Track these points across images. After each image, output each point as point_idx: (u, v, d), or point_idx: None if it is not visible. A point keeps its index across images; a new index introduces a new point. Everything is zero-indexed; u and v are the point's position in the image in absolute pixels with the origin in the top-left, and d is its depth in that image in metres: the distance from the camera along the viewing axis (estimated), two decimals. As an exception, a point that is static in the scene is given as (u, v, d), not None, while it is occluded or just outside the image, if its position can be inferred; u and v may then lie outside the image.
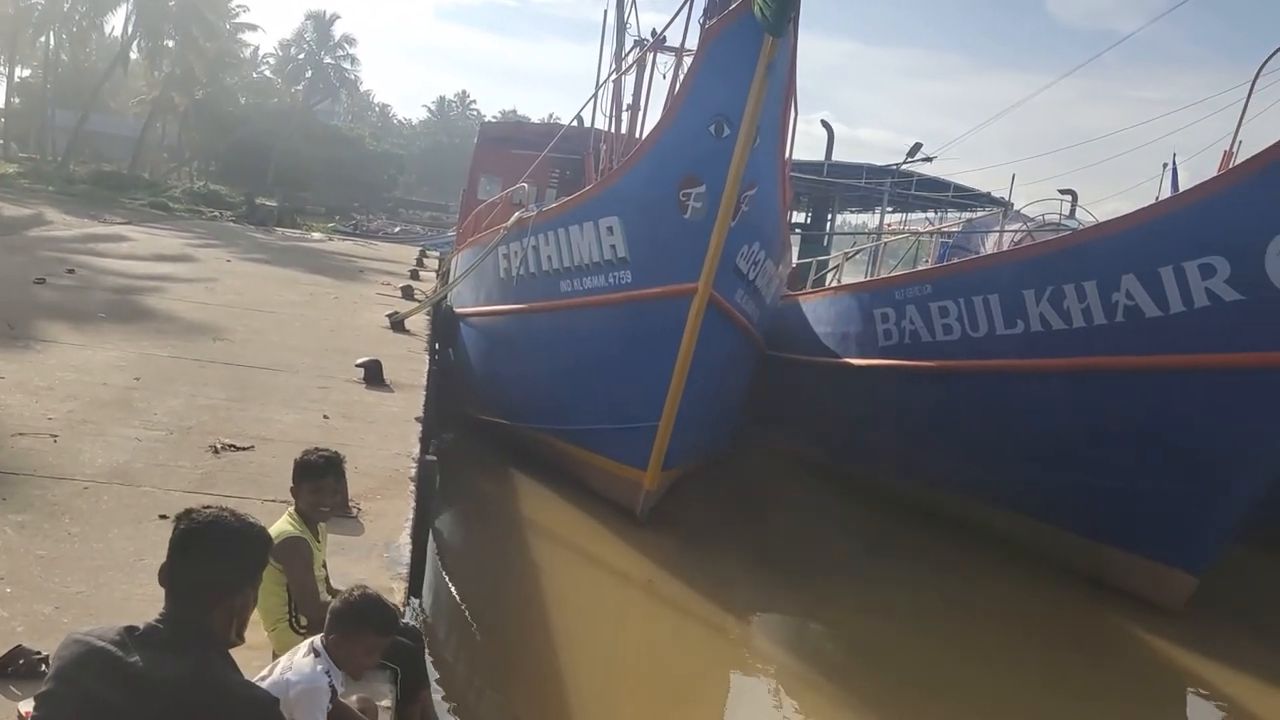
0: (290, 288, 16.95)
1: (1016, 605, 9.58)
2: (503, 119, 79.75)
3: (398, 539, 5.35)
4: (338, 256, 26.58)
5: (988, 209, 17.93)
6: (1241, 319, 8.31)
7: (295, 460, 4.14)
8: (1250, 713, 7.93)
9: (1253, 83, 8.46)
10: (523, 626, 7.30)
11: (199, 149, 60.41)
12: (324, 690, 3.10)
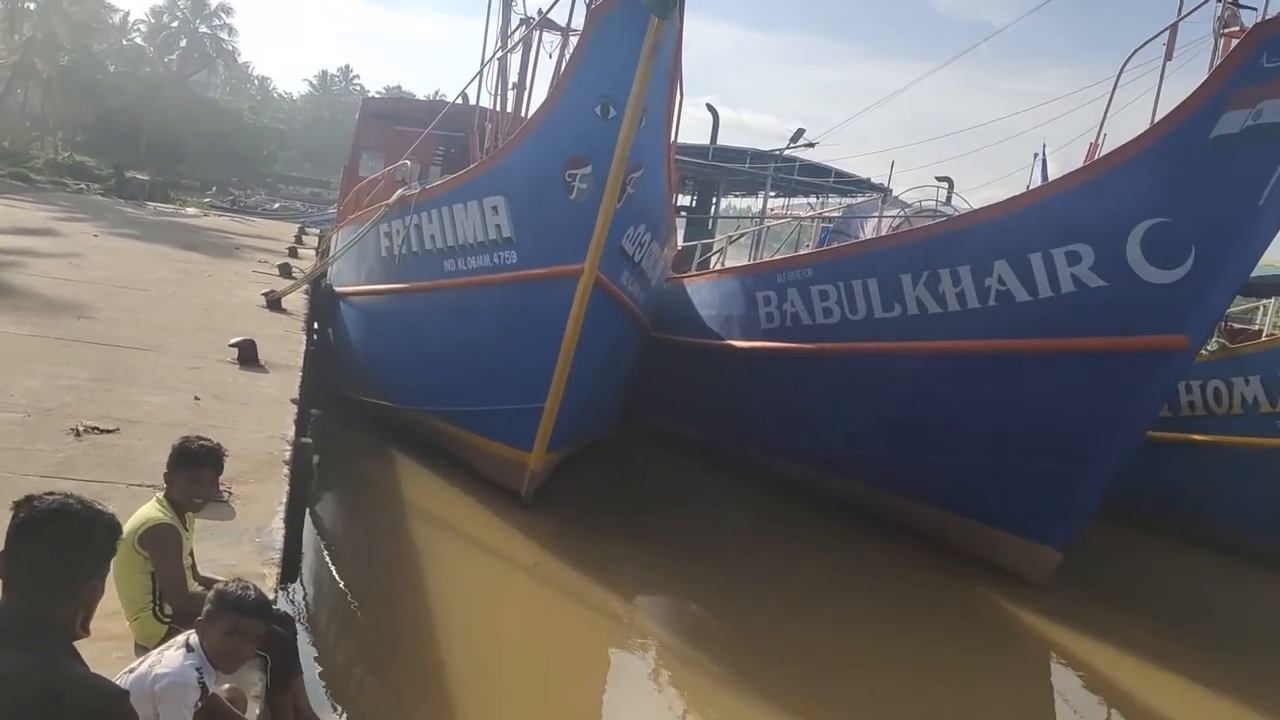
0: (162, 264, 16.33)
1: (892, 581, 9.86)
2: (387, 95, 78.11)
3: (270, 524, 5.21)
4: (213, 233, 25.73)
5: (867, 194, 18.31)
6: (1105, 304, 8.67)
7: (174, 446, 3.98)
8: (1108, 681, 8.32)
9: (1117, 78, 8.81)
10: (406, 611, 7.20)
11: (64, 118, 57.58)
12: (191, 686, 2.98)
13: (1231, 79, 7.85)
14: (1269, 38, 7.72)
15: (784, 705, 6.73)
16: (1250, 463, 12.65)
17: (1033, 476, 9.28)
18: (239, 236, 25.39)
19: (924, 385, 9.88)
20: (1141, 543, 12.93)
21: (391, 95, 77.03)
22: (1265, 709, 7.87)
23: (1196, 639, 9.51)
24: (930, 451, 10.01)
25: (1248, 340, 14.05)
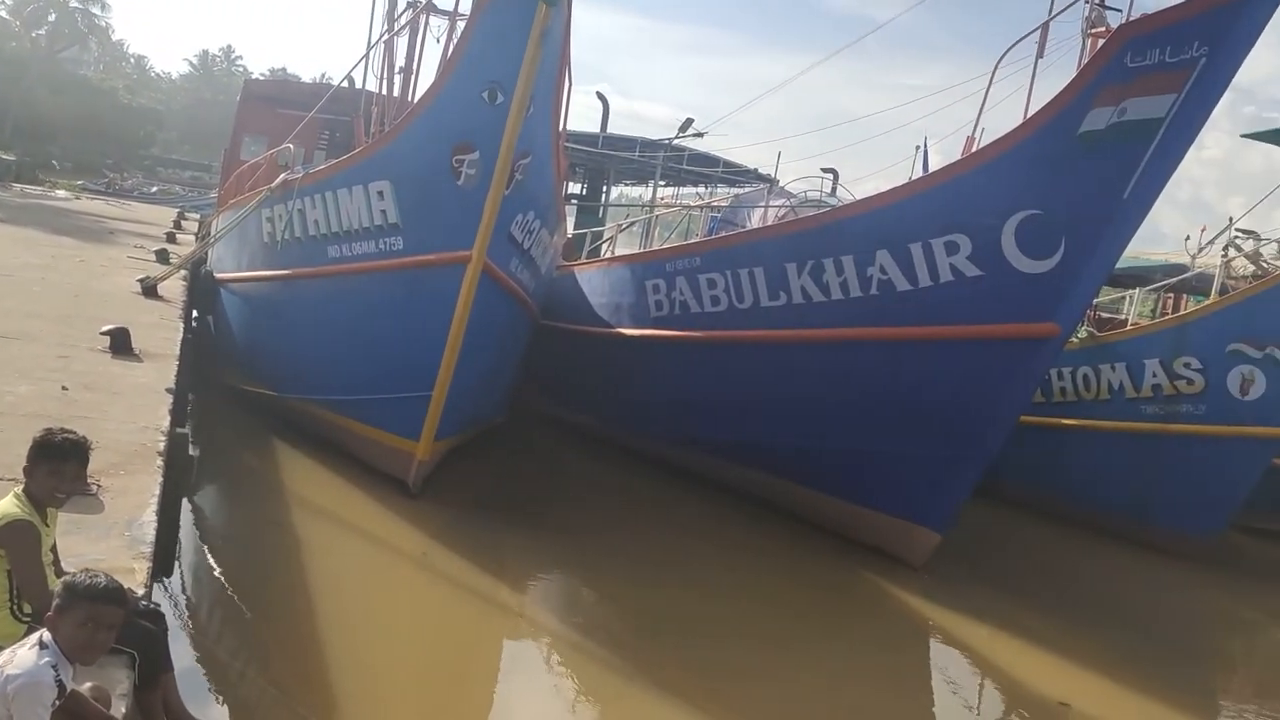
0: (29, 249, 15.62)
1: (779, 564, 10.05)
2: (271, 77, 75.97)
3: (142, 516, 5.04)
4: (85, 216, 24.70)
5: (755, 184, 18.56)
6: (982, 293, 8.96)
7: (35, 438, 3.80)
8: (985, 656, 8.65)
9: (992, 74, 9.10)
10: (289, 604, 7.04)
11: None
12: (46, 685, 2.87)
13: (1098, 77, 8.16)
14: (1133, 38, 8.05)
15: (676, 690, 6.79)
16: (1116, 445, 13.25)
17: (913, 460, 9.54)
18: (114, 221, 24.44)
19: (808, 372, 10.07)
20: (1017, 523, 13.44)
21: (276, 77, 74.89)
22: (1127, 679, 8.28)
23: (1068, 614, 9.93)
24: (815, 437, 10.22)
25: (1115, 329, 14.67)
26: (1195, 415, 12.64)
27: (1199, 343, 12.57)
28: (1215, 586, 12.39)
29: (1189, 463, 12.58)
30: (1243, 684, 9.70)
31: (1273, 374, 12.13)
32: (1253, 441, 12.36)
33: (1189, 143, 8.30)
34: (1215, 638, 11.32)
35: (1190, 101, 8.03)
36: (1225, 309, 12.61)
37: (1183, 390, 12.67)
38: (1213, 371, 12.43)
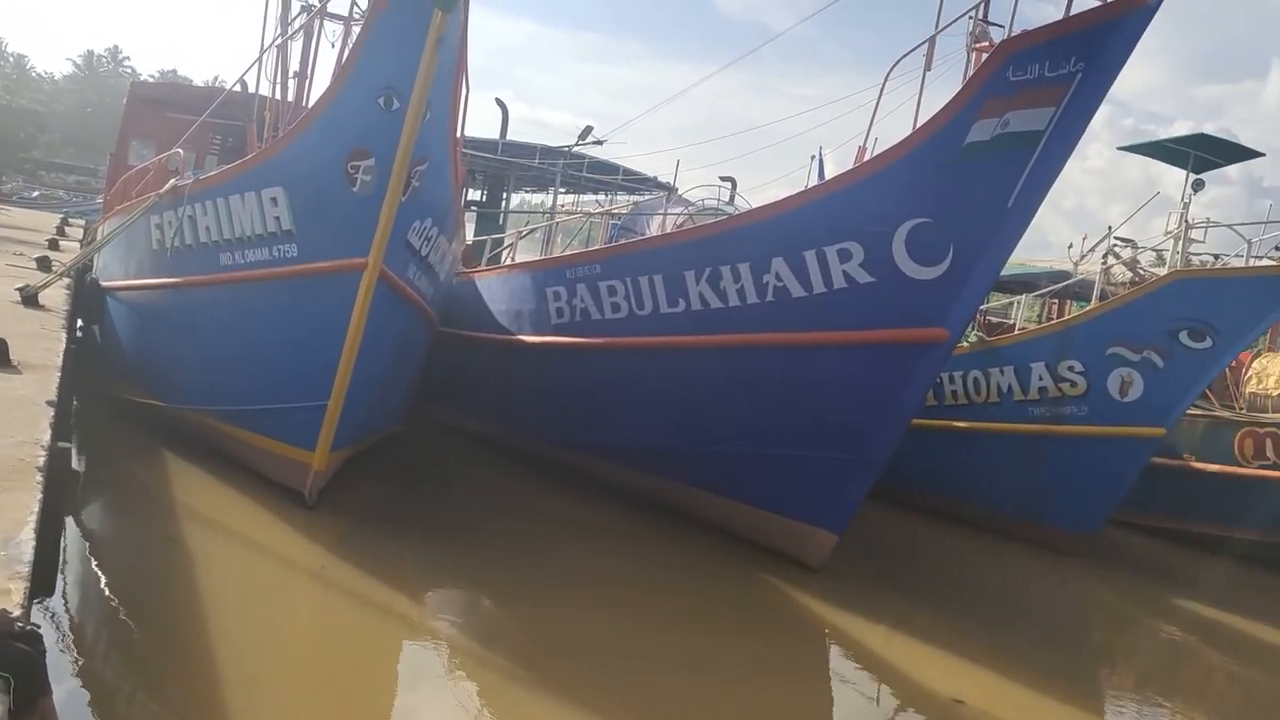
0: (-102, 256, 14.94)
1: (679, 569, 10.12)
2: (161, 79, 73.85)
3: (19, 534, 4.85)
4: (-40, 222, 23.71)
5: (654, 192, 18.71)
6: (874, 299, 9.17)
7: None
8: (882, 657, 8.80)
9: (882, 86, 9.33)
10: (181, 621, 6.84)
11: None
12: None
13: (982, 90, 8.44)
14: (1014, 53, 8.34)
15: (575, 698, 6.78)
16: (1005, 447, 13.68)
17: (810, 464, 9.72)
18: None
19: (707, 378, 10.19)
20: (912, 524, 13.78)
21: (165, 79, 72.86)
22: (1017, 674, 8.53)
23: (961, 612, 10.20)
24: (714, 442, 10.34)
25: (1003, 334, 15.14)
26: (1079, 416, 13.11)
27: (1081, 346, 13.05)
28: (1097, 581, 12.88)
29: (1073, 462, 13.06)
30: (1122, 673, 10.07)
31: (1150, 375, 12.65)
32: (1132, 440, 12.88)
33: (1068, 153, 8.62)
34: (1097, 630, 11.79)
35: (1069, 114, 8.36)
36: (1105, 314, 13.11)
37: (1067, 392, 13.13)
38: (1094, 374, 12.92)
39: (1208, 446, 14.82)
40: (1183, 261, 14.87)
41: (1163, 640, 11.45)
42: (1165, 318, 12.51)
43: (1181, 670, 10.58)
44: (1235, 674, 10.57)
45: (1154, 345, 12.59)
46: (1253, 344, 15.37)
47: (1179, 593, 12.79)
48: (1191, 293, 12.51)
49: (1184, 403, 12.99)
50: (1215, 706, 9.43)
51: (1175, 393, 12.72)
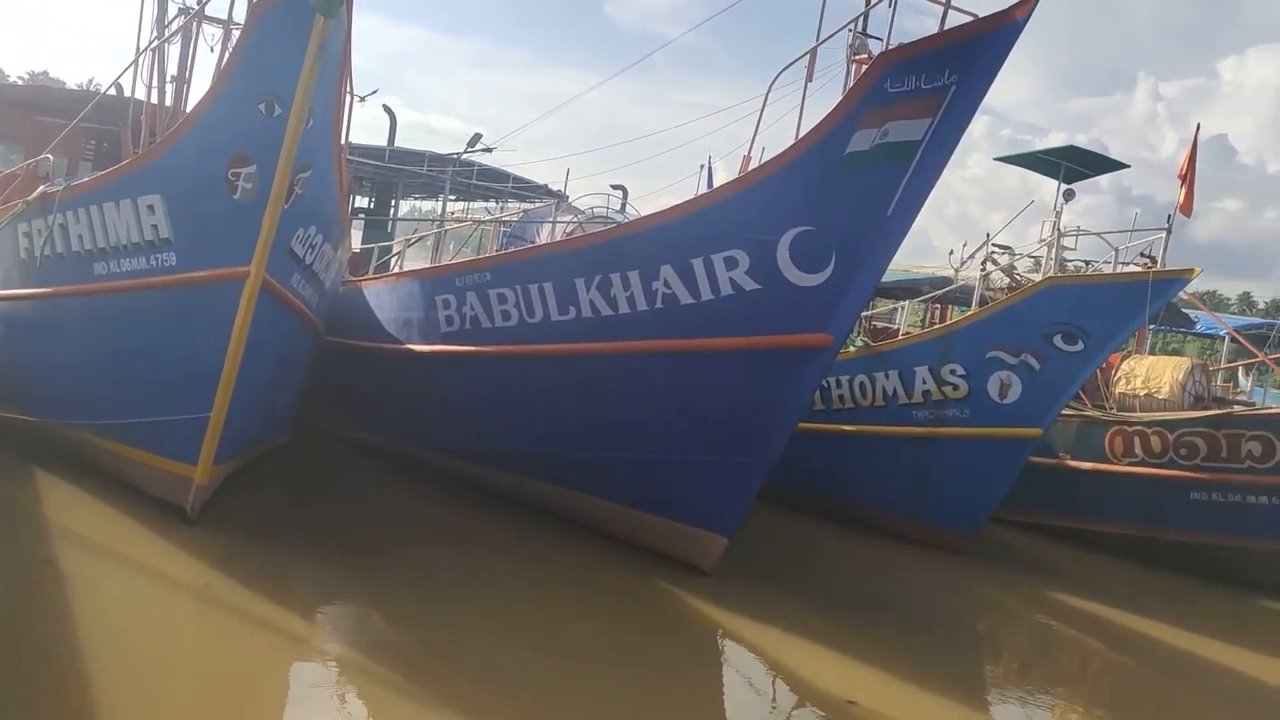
0: None
1: (575, 577, 10.11)
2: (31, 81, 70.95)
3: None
4: None
5: (545, 200, 18.72)
6: (760, 306, 9.33)
7: None
8: (774, 657, 8.91)
9: (765, 96, 9.52)
10: (58, 648, 6.55)
11: None
12: None
13: (861, 101, 8.67)
14: (892, 66, 8.59)
15: (468, 708, 6.74)
16: (890, 449, 14.03)
17: (700, 468, 9.83)
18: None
19: (599, 385, 10.22)
20: (803, 526, 14.02)
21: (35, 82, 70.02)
22: (907, 672, 8.71)
23: (852, 613, 10.41)
24: (605, 449, 10.37)
25: (888, 339, 15.53)
26: (960, 419, 13.52)
27: (962, 350, 13.47)
28: (981, 578, 13.28)
29: (956, 463, 13.46)
30: (1006, 666, 10.43)
31: (1027, 378, 13.12)
32: (1011, 441, 13.34)
33: (944, 162, 8.91)
34: (982, 625, 12.17)
35: (944, 124, 8.63)
36: (984, 318, 13.56)
37: (949, 395, 13.53)
38: (975, 377, 13.34)
39: (1081, 445, 15.43)
40: (1056, 268, 15.47)
41: (1043, 632, 11.87)
42: (1040, 322, 12.99)
43: (1060, 660, 11.00)
44: (1109, 662, 11.05)
45: (1030, 349, 13.05)
46: (1122, 346, 16.04)
47: (1057, 586, 13.26)
48: (1064, 298, 13.03)
49: (1059, 404, 13.51)
50: (1091, 694, 9.84)
51: (1051, 394, 13.22)
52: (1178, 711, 9.72)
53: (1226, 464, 14.32)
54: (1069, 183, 16.30)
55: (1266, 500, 14.12)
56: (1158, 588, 14.10)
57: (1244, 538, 14.19)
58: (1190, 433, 14.56)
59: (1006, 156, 18.68)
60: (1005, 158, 18.75)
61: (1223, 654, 11.17)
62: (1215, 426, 14.41)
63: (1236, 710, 9.84)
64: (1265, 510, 14.09)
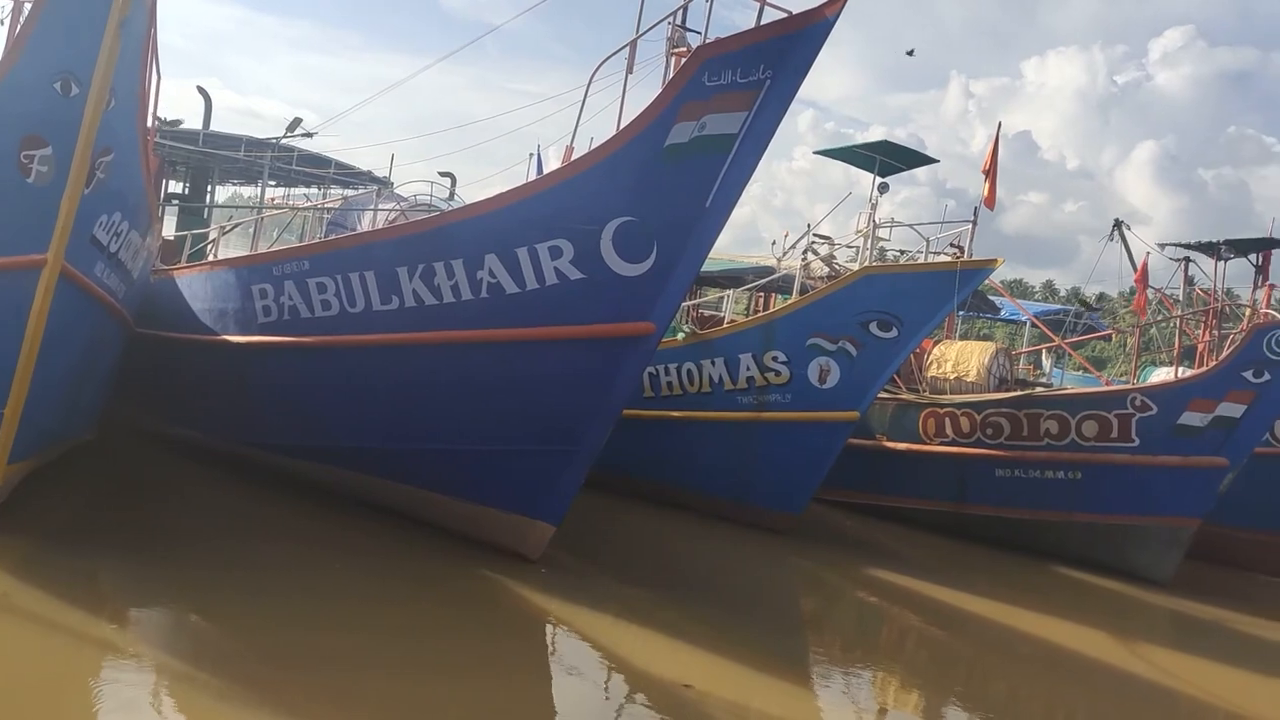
0: None
1: (400, 571, 9.93)
2: None
3: None
4: None
5: (369, 187, 18.33)
6: (584, 295, 9.40)
7: None
8: (607, 645, 8.97)
9: (587, 87, 9.58)
10: None
11: None
12: None
13: (680, 94, 8.83)
14: (709, 60, 8.77)
15: (293, 711, 6.56)
16: (717, 434, 14.39)
17: (526, 457, 9.85)
18: None
19: (423, 376, 10.12)
20: (633, 512, 14.24)
21: None
22: (740, 654, 8.90)
23: (684, 597, 10.64)
24: (432, 440, 10.28)
25: (714, 327, 15.89)
26: (783, 404, 13.98)
27: (784, 337, 13.93)
28: (805, 557, 13.78)
29: (779, 447, 13.91)
30: (831, 641, 10.79)
31: (844, 363, 13.67)
32: (831, 424, 13.87)
33: (760, 155, 9.16)
34: (808, 603, 12.65)
35: (760, 118, 8.88)
36: (805, 307, 14.04)
37: (772, 381, 13.96)
38: (796, 363, 13.81)
39: (896, 427, 16.18)
40: (874, 258, 16.12)
41: (864, 607, 12.42)
42: (857, 310, 13.54)
43: (880, 633, 11.54)
44: (925, 632, 11.64)
45: (848, 335, 13.59)
46: (933, 332, 16.85)
47: (877, 562, 13.90)
48: (879, 287, 13.61)
49: (875, 388, 14.11)
50: (909, 663, 10.32)
51: (867, 379, 13.80)
52: (986, 675, 10.30)
53: (1027, 442, 15.28)
54: (884, 176, 17.01)
55: (1063, 475, 15.14)
56: (968, 560, 14.93)
57: (1042, 511, 15.17)
58: (995, 413, 15.46)
59: (826, 150, 19.34)
60: (825, 151, 19.41)
61: (1025, 620, 11.92)
62: (1017, 407, 15.35)
63: (1037, 670, 10.49)
64: (1061, 484, 15.10)
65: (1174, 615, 13.72)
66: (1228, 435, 14.23)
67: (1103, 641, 11.66)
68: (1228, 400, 14.21)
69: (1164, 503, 14.48)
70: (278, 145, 18.08)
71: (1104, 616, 12.99)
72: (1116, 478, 14.75)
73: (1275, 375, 13.92)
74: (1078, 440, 14.92)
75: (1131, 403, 14.72)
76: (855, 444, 14.91)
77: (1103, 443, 14.80)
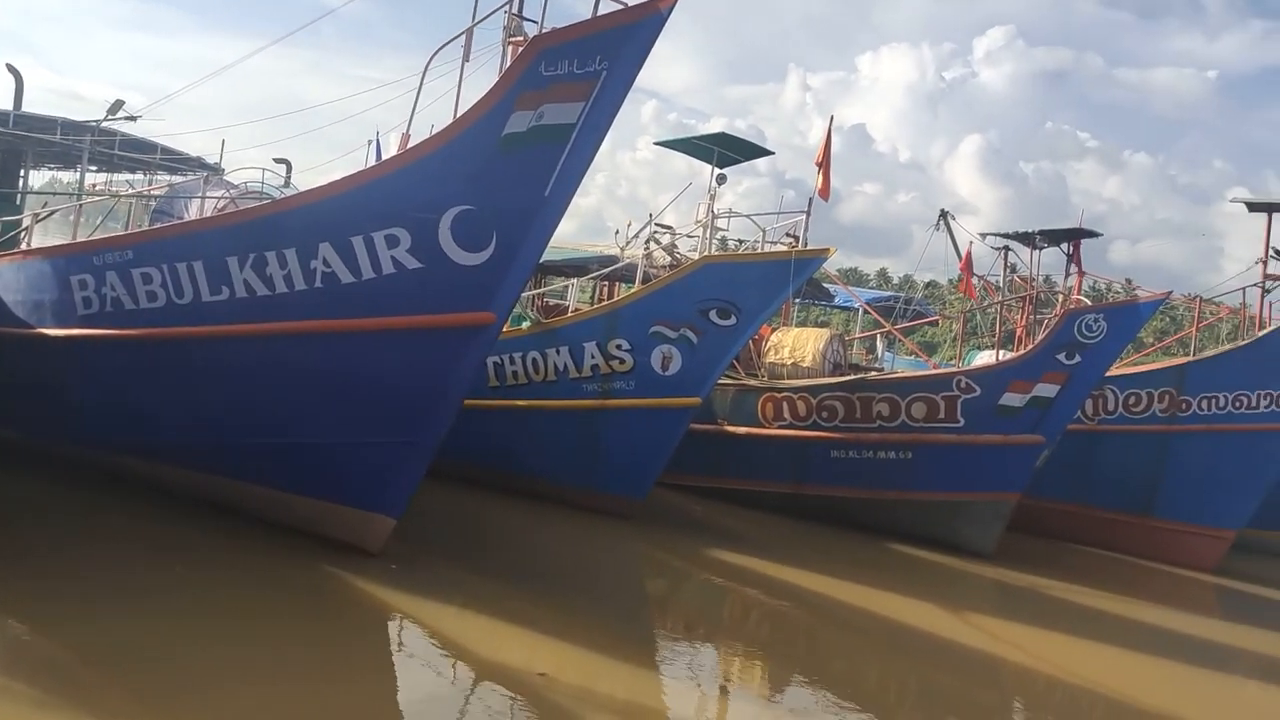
0: None
1: (236, 570, 9.61)
2: None
3: None
4: None
5: (197, 173, 17.66)
6: (423, 284, 9.31)
7: None
8: (455, 637, 8.89)
9: (423, 74, 9.48)
10: None
11: None
12: None
13: (517, 84, 8.83)
14: (546, 49, 8.80)
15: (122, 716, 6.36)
16: (564, 422, 14.45)
17: (365, 450, 9.69)
18: None
19: (256, 369, 9.84)
20: (479, 501, 14.17)
21: None
22: (592, 639, 9.06)
23: (533, 585, 10.65)
24: (267, 434, 10.01)
25: (559, 316, 15.93)
26: (627, 391, 14.14)
27: (627, 326, 14.09)
28: (650, 541, 14.01)
29: (623, 433, 14.07)
30: (676, 623, 11.02)
31: (686, 351, 13.91)
32: (673, 410, 14.10)
33: (598, 145, 9.23)
34: (654, 586, 12.91)
35: (597, 108, 8.95)
36: (647, 295, 14.23)
37: (616, 369, 14.11)
38: (639, 351, 13.99)
39: (737, 411, 16.58)
40: (713, 247, 16.43)
41: (708, 588, 12.70)
42: (697, 298, 13.80)
43: (724, 613, 11.86)
44: (767, 609, 12.05)
45: (689, 323, 13.84)
46: (772, 319, 17.30)
47: (720, 544, 14.22)
48: (717, 276, 13.90)
49: (715, 374, 14.42)
50: (751, 640, 10.69)
51: (708, 365, 14.09)
52: (824, 649, 10.70)
53: (860, 424, 15.87)
54: (722, 167, 17.36)
55: (894, 455, 15.79)
56: (806, 539, 15.43)
57: (876, 490, 15.78)
58: (830, 397, 16.00)
59: (666, 141, 19.59)
60: (664, 142, 19.65)
61: (861, 594, 12.41)
62: (851, 391, 15.92)
63: (873, 642, 10.99)
64: (893, 464, 15.74)
65: (997, 584, 14.50)
66: (1044, 414, 15.08)
67: (933, 611, 12.27)
68: (1044, 381, 15.06)
69: (987, 479, 15.26)
70: (98, 128, 17.19)
71: (934, 587, 13.68)
72: (944, 456, 15.47)
73: (1086, 357, 14.83)
74: (908, 421, 15.58)
75: (957, 385, 15.46)
76: (698, 429, 15.20)
77: (931, 423, 15.49)
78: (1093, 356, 14.85)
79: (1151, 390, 17.34)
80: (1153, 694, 10.37)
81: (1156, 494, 17.27)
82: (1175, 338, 27.63)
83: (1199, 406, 17.11)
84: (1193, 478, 16.90)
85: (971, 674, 10.46)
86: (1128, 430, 17.39)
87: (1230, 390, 16.94)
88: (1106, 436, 17.49)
